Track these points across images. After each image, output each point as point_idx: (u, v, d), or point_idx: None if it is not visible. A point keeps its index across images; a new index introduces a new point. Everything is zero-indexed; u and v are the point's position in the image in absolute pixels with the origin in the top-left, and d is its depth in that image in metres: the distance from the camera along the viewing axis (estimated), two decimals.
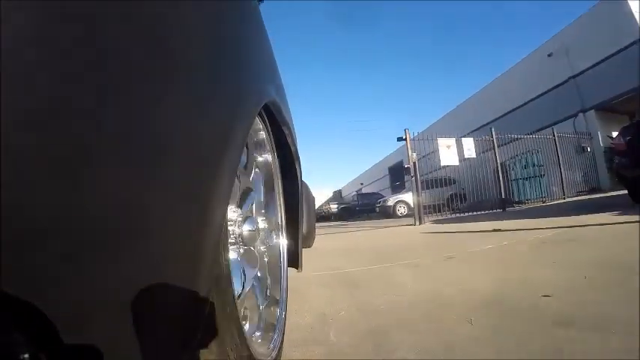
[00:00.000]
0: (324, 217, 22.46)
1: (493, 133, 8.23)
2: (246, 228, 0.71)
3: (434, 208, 7.80)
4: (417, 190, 6.68)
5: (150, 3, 0.33)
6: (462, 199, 8.98)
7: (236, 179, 0.68)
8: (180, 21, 0.38)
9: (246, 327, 0.66)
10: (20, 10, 0.21)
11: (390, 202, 12.55)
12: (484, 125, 11.89)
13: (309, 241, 1.40)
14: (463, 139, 7.87)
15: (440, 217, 7.43)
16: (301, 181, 1.17)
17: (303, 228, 1.19)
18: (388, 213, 12.41)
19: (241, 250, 0.73)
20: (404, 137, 7.07)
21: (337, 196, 42.65)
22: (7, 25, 0.19)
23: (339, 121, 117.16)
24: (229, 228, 0.64)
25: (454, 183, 8.47)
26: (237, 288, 0.65)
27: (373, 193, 20.83)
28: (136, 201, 0.30)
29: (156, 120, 0.32)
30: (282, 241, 1.04)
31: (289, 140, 1.04)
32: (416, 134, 7.36)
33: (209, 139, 0.43)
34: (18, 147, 0.20)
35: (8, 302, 0.21)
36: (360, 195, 19.47)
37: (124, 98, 0.28)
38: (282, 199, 1.05)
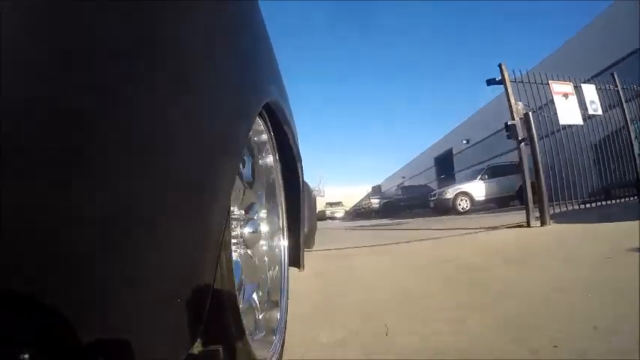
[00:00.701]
0: (362, 213, 20.49)
1: (617, 79, 5.26)
2: (247, 229, 0.74)
3: (502, 202, 5.30)
4: (536, 165, 3.84)
5: (150, 3, 0.33)
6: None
7: (237, 179, 0.66)
8: (181, 20, 0.38)
9: (247, 329, 0.63)
10: (20, 10, 0.21)
11: (449, 194, 10.24)
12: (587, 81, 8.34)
13: (310, 241, 1.61)
14: (583, 85, 4.90)
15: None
16: (303, 180, 1.18)
17: (305, 228, 1.20)
18: (446, 208, 10.17)
19: (242, 251, 0.76)
20: (498, 78, 4.21)
21: (377, 191, 40.55)
22: (7, 25, 0.20)
23: (378, 114, 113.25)
24: (231, 228, 0.65)
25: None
26: (238, 289, 0.64)
27: (420, 186, 18.45)
28: (137, 201, 0.30)
29: (157, 119, 0.33)
30: (284, 242, 1.02)
31: (291, 140, 1.04)
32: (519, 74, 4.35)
33: (210, 138, 0.44)
34: (18, 147, 0.20)
35: (8, 302, 0.21)
36: (405, 188, 17.19)
37: (124, 98, 0.28)
38: (283, 199, 1.04)
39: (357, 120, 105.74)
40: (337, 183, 62.46)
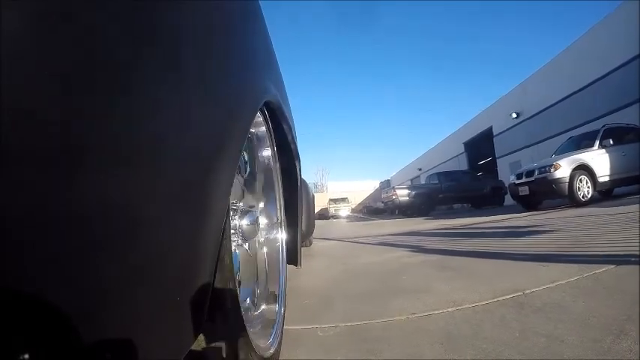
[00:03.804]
0: (377, 211, 16.40)
1: None
2: (245, 225, 0.77)
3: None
4: None
5: (151, 2, 0.33)
6: None
7: (236, 176, 0.67)
8: (181, 19, 0.39)
9: (247, 320, 0.63)
10: (20, 10, 0.21)
11: (562, 171, 5.98)
12: None
13: (307, 238, 1.59)
14: None
15: None
16: (301, 178, 1.19)
17: (303, 225, 1.22)
18: (556, 194, 5.98)
19: (242, 246, 0.80)
20: None
21: (385, 186, 36.70)
22: (7, 25, 0.20)
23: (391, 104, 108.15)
24: (230, 224, 0.64)
25: None
26: (237, 284, 0.63)
27: (463, 172, 14.24)
28: (138, 199, 0.30)
29: (156, 118, 0.33)
30: (282, 238, 1.04)
31: (289, 138, 1.06)
32: None
33: (210, 136, 0.45)
34: (18, 147, 0.21)
35: (8, 302, 0.21)
36: (443, 175, 12.87)
37: (125, 97, 0.29)
38: (281, 197, 1.06)
39: (361, 112, 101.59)
40: (340, 178, 58.69)
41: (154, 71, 0.33)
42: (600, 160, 6.11)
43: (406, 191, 11.46)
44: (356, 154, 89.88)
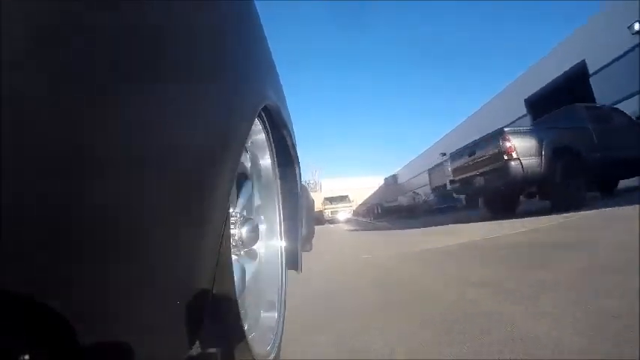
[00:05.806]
0: (391, 210, 10.39)
1: None
2: (245, 229, 0.75)
3: None
4: None
5: (150, 5, 0.33)
6: None
7: (235, 180, 0.67)
8: (177, 24, 0.39)
9: (246, 327, 0.64)
10: (20, 10, 0.21)
11: None
12: None
13: (308, 244, 1.48)
14: None
15: None
16: (300, 183, 1.19)
17: (303, 230, 1.20)
18: None
19: (241, 252, 0.79)
20: None
21: (391, 182, 30.67)
22: (6, 26, 0.20)
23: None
24: (230, 228, 0.65)
25: None
26: (237, 288, 0.63)
27: (610, 108, 7.76)
28: (137, 201, 0.31)
29: (154, 123, 0.33)
30: (281, 244, 1.05)
31: (289, 143, 1.07)
32: None
33: (209, 140, 0.45)
34: (18, 147, 0.21)
35: (8, 302, 0.21)
36: (590, 111, 6.34)
37: (123, 101, 0.29)
38: (280, 202, 1.06)
39: (355, 106, 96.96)
40: (336, 174, 52.46)
41: (152, 76, 0.33)
42: None
43: (534, 142, 4.94)
44: (353, 150, 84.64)
